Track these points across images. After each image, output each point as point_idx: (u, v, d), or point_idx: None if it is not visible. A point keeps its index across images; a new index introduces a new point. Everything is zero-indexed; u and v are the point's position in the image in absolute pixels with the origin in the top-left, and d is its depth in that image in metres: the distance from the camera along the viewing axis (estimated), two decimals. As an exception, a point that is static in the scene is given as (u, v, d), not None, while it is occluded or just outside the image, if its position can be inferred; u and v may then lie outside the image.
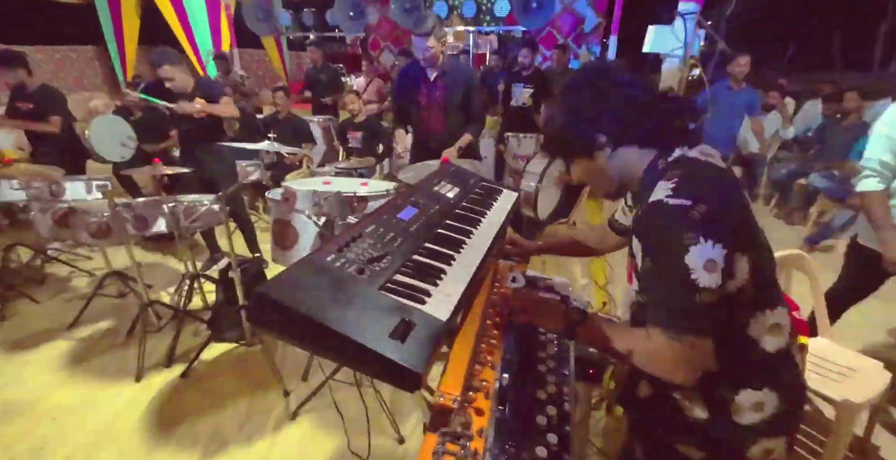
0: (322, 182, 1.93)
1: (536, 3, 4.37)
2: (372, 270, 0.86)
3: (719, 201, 0.78)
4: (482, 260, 1.05)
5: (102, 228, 2.39)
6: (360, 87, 5.55)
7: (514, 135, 4.14)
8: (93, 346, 2.56)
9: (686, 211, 0.75)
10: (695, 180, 0.80)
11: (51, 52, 8.43)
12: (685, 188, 0.78)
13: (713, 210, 0.76)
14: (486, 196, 1.46)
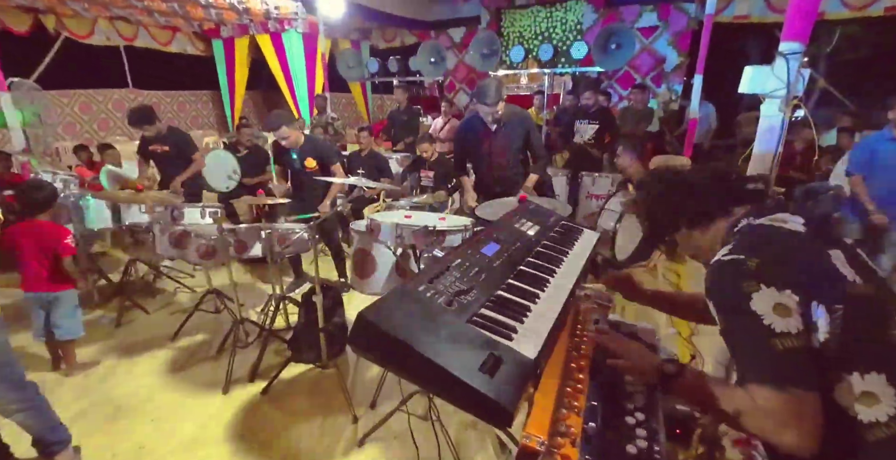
0: (403, 216, 2.04)
1: (615, 45, 4.40)
2: (460, 302, 0.89)
3: (778, 251, 0.83)
4: (566, 299, 1.05)
5: (209, 250, 2.69)
6: (436, 127, 5.83)
7: (588, 174, 4.11)
8: (190, 357, 2.81)
9: (741, 263, 0.81)
10: (751, 239, 0.89)
11: (175, 95, 9.85)
12: (740, 246, 0.86)
13: (770, 259, 0.81)
14: (567, 235, 1.46)
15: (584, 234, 1.51)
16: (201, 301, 3.12)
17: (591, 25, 7.28)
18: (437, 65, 5.62)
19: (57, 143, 7.74)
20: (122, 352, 2.87)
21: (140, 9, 7.19)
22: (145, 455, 2.06)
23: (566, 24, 7.60)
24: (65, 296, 2.53)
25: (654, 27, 7.00)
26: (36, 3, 6.62)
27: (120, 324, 3.20)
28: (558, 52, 5.22)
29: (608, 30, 4.37)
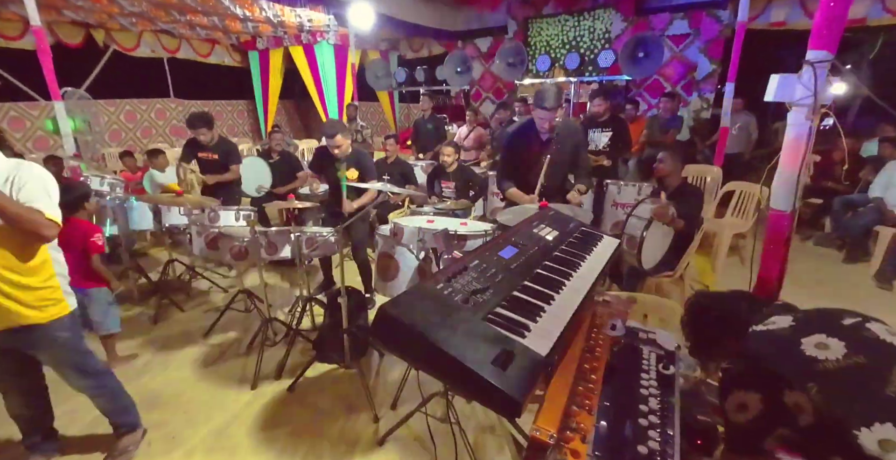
0: (426, 220, 2.10)
1: (644, 53, 4.39)
2: (476, 301, 0.94)
3: None
4: (581, 303, 1.08)
5: (242, 251, 2.81)
6: (461, 136, 5.90)
7: (614, 182, 4.07)
8: (221, 353, 2.94)
9: None
10: None
11: (213, 105, 10.31)
12: None
13: None
14: (586, 241, 1.48)
15: (604, 241, 1.53)
16: (233, 300, 3.26)
17: (619, 34, 7.24)
18: (464, 74, 5.71)
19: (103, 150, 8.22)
20: (159, 347, 3.02)
21: (183, 23, 7.60)
22: (177, 444, 2.17)
23: (594, 32, 7.58)
24: (96, 294, 2.65)
25: (685, 35, 6.91)
26: (88, 18, 7.10)
27: (157, 320, 3.36)
28: (585, 61, 5.23)
29: (636, 38, 4.35)
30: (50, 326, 1.74)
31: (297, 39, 8.83)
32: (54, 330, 1.75)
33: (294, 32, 8.69)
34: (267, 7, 6.73)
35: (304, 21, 7.74)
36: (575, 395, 0.92)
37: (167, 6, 6.46)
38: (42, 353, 1.82)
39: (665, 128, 5.51)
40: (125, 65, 8.34)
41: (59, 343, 1.78)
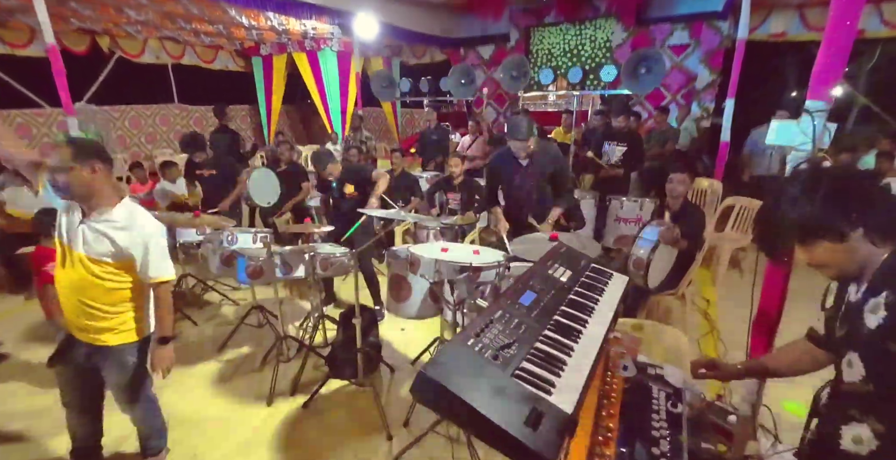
0: (440, 249, 2.18)
1: (645, 69, 4.47)
2: (504, 357, 1.02)
3: None
4: (598, 351, 1.16)
5: (257, 270, 2.89)
6: (464, 145, 5.99)
7: (616, 198, 4.17)
8: (236, 369, 3.02)
9: None
10: None
11: (217, 110, 10.38)
12: None
13: None
14: (598, 280, 1.57)
15: (614, 279, 1.61)
16: (246, 315, 3.34)
17: (620, 43, 7.33)
18: (468, 86, 5.79)
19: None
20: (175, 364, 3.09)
21: (188, 30, 7.66)
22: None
23: (596, 41, 7.67)
24: None
25: (685, 45, 7.00)
26: (94, 26, 7.15)
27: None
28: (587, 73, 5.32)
29: (638, 54, 4.43)
30: (121, 349, 1.84)
31: (301, 46, 8.90)
32: (124, 353, 1.86)
33: (298, 39, 8.75)
34: (273, 16, 6.80)
35: (309, 29, 7.81)
36: (595, 444, 1.00)
37: (174, 15, 6.52)
38: (108, 373, 1.91)
39: (662, 140, 5.62)
40: (130, 71, 8.40)
41: (125, 366, 1.88)
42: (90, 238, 1.70)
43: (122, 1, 5.51)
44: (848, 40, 1.49)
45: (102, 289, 1.76)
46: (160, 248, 1.79)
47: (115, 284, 1.78)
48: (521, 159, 2.85)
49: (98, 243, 1.70)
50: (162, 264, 1.80)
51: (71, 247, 1.73)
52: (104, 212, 1.72)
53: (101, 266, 1.73)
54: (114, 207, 1.73)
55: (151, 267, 1.76)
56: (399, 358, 3.12)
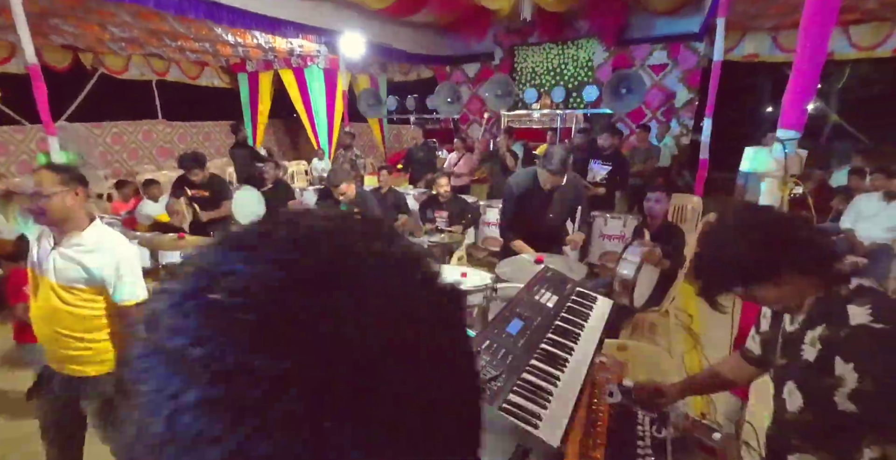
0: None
1: (626, 89, 4.59)
2: (491, 389, 1.02)
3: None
4: (584, 379, 1.17)
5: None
6: (451, 162, 6.04)
7: (600, 214, 4.23)
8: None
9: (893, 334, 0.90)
10: (889, 307, 0.95)
11: (201, 126, 10.32)
12: (884, 314, 0.92)
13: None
14: (583, 305, 1.59)
15: (598, 303, 1.63)
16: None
17: (601, 63, 7.53)
18: (454, 104, 5.87)
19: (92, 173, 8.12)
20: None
21: (174, 47, 7.65)
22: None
23: (578, 60, 7.87)
24: None
25: (664, 64, 7.23)
26: (77, 42, 7.10)
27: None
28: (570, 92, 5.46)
29: (618, 75, 4.57)
30: (101, 380, 1.78)
31: (287, 63, 8.95)
32: (105, 384, 1.79)
33: (284, 56, 8.80)
34: (259, 35, 6.84)
35: (295, 46, 7.87)
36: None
37: (159, 33, 6.52)
38: (88, 405, 1.84)
39: (644, 158, 5.75)
40: (112, 87, 8.34)
41: (105, 397, 1.81)
42: (60, 265, 1.65)
43: (106, 18, 5.50)
44: (815, 70, 1.56)
45: (77, 317, 1.70)
46: (132, 270, 1.73)
47: (90, 311, 1.72)
48: (545, 187, 2.75)
49: (69, 269, 1.65)
50: (134, 287, 1.73)
51: (42, 276, 1.69)
52: (74, 236, 1.66)
53: (74, 293, 1.68)
54: (83, 230, 1.67)
55: (124, 290, 1.70)
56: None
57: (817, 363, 0.98)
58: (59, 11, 5.15)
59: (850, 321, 0.94)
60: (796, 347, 1.06)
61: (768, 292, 1.05)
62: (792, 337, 1.10)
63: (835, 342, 0.96)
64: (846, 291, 1.00)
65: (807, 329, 1.05)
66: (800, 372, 1.04)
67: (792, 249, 1.00)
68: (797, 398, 1.04)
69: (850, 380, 0.91)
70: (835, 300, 1.00)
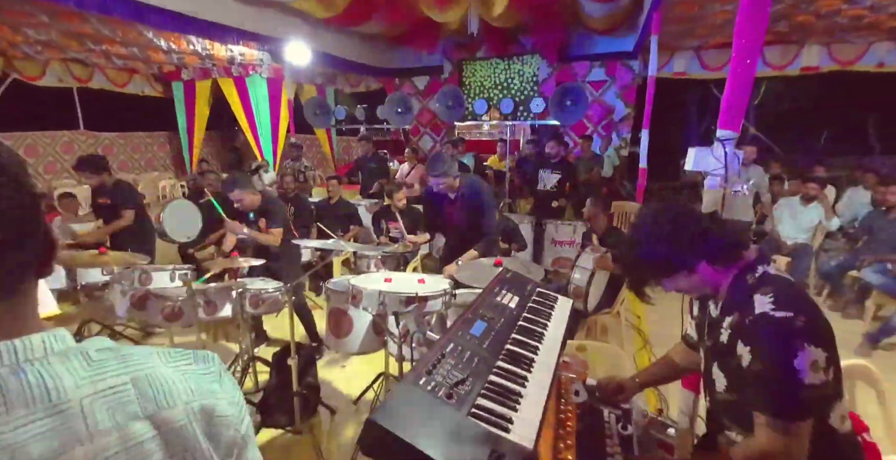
0: (383, 279, 2.09)
1: (570, 102, 4.77)
2: (458, 394, 0.95)
3: (813, 311, 0.99)
4: (552, 379, 1.13)
5: (175, 312, 2.60)
6: (403, 173, 5.98)
7: (552, 222, 4.32)
8: (148, 427, 2.64)
9: (791, 321, 0.95)
10: (787, 293, 1.01)
11: (130, 137, 9.59)
12: (782, 301, 0.98)
13: (812, 318, 0.96)
14: (544, 304, 1.56)
15: (559, 303, 1.61)
16: (162, 363, 2.96)
17: (546, 78, 7.84)
18: (404, 114, 5.84)
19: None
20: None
21: (98, 52, 7.10)
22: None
23: (524, 76, 8.14)
24: None
25: (603, 81, 7.64)
26: (-16, 45, 6.42)
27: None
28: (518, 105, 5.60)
29: (563, 88, 4.74)
30: None
31: (227, 72, 8.56)
32: None
33: (224, 64, 8.42)
34: (196, 41, 6.50)
35: (236, 55, 7.56)
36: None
37: (81, 36, 6.02)
38: None
39: (589, 166, 6.01)
40: (27, 95, 7.58)
41: None
42: None
43: (19, 19, 5.00)
44: (749, 76, 1.66)
45: None
46: None
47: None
48: (449, 193, 2.87)
49: None
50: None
51: None
52: None
53: None
54: None
55: None
56: (340, 398, 2.91)
57: (727, 345, 1.07)
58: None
59: (755, 309, 1.00)
60: (716, 331, 1.14)
61: (685, 282, 1.14)
62: (715, 321, 1.18)
63: (741, 328, 1.04)
64: (752, 280, 1.08)
65: (725, 315, 1.12)
66: (720, 355, 1.11)
67: (700, 241, 1.08)
68: (721, 379, 1.12)
69: (745, 360, 1.00)
70: (743, 289, 1.08)
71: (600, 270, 2.59)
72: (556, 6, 6.08)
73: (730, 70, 1.69)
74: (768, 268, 1.09)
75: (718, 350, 1.12)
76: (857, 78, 7.13)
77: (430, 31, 7.32)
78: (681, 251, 1.09)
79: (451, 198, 2.95)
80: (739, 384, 1.05)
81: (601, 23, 6.32)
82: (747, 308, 1.02)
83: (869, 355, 3.31)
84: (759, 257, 1.11)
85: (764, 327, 0.97)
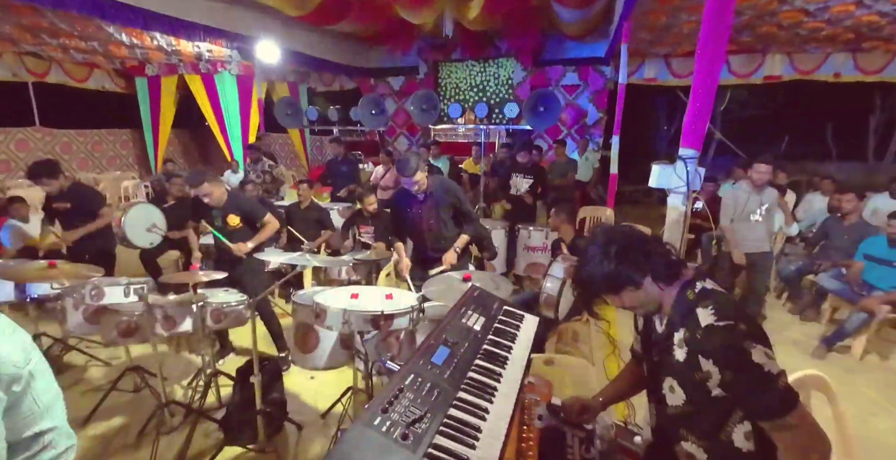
0: (350, 295, 2.04)
1: (543, 108, 4.80)
2: (415, 434, 0.92)
3: (748, 316, 1.10)
4: (513, 407, 1.11)
5: (131, 327, 2.48)
6: (378, 175, 5.90)
7: (524, 227, 4.34)
8: (104, 446, 2.51)
9: (735, 328, 1.04)
10: (725, 305, 1.10)
11: (90, 134, 9.17)
12: (722, 312, 1.07)
13: (750, 323, 1.06)
14: (510, 325, 1.55)
15: (525, 321, 1.60)
16: (119, 378, 2.83)
17: (520, 81, 7.88)
18: (378, 116, 5.76)
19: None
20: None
21: (54, 46, 6.75)
22: None
23: (499, 78, 8.16)
24: None
25: (576, 85, 7.73)
26: (-73, 35, 6.01)
27: (16, 409, 2.80)
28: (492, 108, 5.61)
29: (536, 94, 4.77)
30: None
31: (195, 68, 8.27)
32: None
33: (191, 60, 8.13)
34: (160, 36, 6.25)
35: (203, 51, 7.30)
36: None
37: (35, 29, 5.70)
38: None
39: (563, 171, 6.05)
40: (-25, 89, 7.15)
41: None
42: None
43: (-38, 9, 4.69)
44: (710, 96, 1.68)
45: None
46: None
47: None
48: (417, 193, 2.88)
49: None
50: None
51: None
52: None
53: None
54: None
55: None
56: (308, 413, 2.83)
57: (687, 363, 1.12)
58: None
59: (701, 323, 1.08)
60: (668, 347, 1.19)
61: (630, 298, 1.22)
62: (662, 337, 1.25)
63: (695, 343, 1.10)
64: (692, 295, 1.16)
65: (673, 331, 1.19)
66: (676, 370, 1.17)
67: (643, 259, 1.18)
68: (679, 393, 1.17)
69: (714, 373, 1.06)
70: (685, 304, 1.16)
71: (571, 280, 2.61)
72: (530, 11, 6.10)
73: (692, 89, 1.71)
74: (706, 284, 1.18)
75: (673, 366, 1.18)
76: (817, 87, 7.44)
77: (406, 32, 7.25)
78: (628, 267, 1.18)
79: (419, 198, 2.93)
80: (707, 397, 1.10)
81: (574, 28, 6.39)
82: (692, 322, 1.11)
83: (824, 358, 3.45)
84: (696, 274, 1.21)
85: (714, 337, 1.05)
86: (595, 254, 1.20)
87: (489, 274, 2.45)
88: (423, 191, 2.90)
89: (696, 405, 1.15)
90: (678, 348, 1.16)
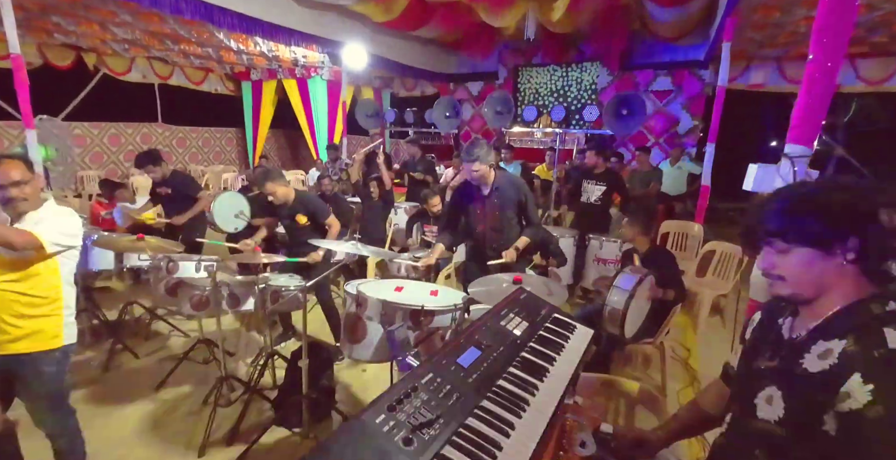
0: (395, 287, 1.99)
1: (627, 111, 4.47)
2: (421, 440, 0.82)
3: None
4: (547, 427, 0.97)
5: (202, 301, 2.65)
6: (448, 177, 5.90)
7: (595, 237, 4.04)
8: (171, 410, 2.71)
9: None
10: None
11: (201, 131, 10.30)
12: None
13: None
14: (558, 334, 1.38)
15: (577, 332, 1.43)
16: (191, 350, 3.05)
17: (605, 86, 7.48)
18: (452, 118, 5.77)
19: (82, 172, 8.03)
20: (105, 400, 2.78)
21: (177, 51, 7.65)
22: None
23: (581, 83, 7.82)
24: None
25: (668, 91, 7.16)
26: (80, 42, 7.10)
27: (108, 368, 3.13)
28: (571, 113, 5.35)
29: (619, 97, 4.45)
30: (37, 358, 1.77)
31: (291, 73, 8.95)
32: (41, 363, 1.78)
33: (288, 66, 8.81)
34: (262, 42, 6.82)
35: (299, 57, 7.86)
36: None
37: (161, 35, 6.50)
38: (22, 383, 1.81)
39: (645, 181, 5.57)
40: (114, 88, 8.33)
41: (42, 376, 1.79)
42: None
43: (106, 17, 5.47)
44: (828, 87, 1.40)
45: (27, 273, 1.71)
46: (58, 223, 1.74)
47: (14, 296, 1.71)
48: (483, 187, 2.75)
49: None
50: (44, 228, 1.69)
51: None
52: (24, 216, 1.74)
53: None
54: (37, 210, 1.76)
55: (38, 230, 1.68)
56: (356, 404, 2.84)
57: (822, 376, 0.87)
58: (58, 8, 5.12)
59: (889, 344, 0.82)
60: (795, 354, 0.94)
61: (805, 265, 0.91)
62: (793, 343, 0.97)
63: (861, 359, 0.84)
64: (880, 311, 0.87)
65: (819, 338, 0.92)
66: (792, 381, 0.92)
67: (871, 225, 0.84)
68: (778, 407, 0.92)
69: (855, 400, 0.81)
70: (864, 316, 0.88)
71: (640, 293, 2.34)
72: (618, 11, 5.76)
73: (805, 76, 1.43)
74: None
75: (791, 374, 0.93)
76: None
77: (486, 36, 7.22)
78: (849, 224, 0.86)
79: (483, 193, 2.80)
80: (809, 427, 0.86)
81: (669, 29, 5.91)
82: (872, 338, 0.84)
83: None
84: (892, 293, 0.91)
85: None
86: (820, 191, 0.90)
87: (543, 279, 2.28)
88: (489, 186, 2.77)
89: (790, 428, 0.90)
90: (818, 358, 0.90)
